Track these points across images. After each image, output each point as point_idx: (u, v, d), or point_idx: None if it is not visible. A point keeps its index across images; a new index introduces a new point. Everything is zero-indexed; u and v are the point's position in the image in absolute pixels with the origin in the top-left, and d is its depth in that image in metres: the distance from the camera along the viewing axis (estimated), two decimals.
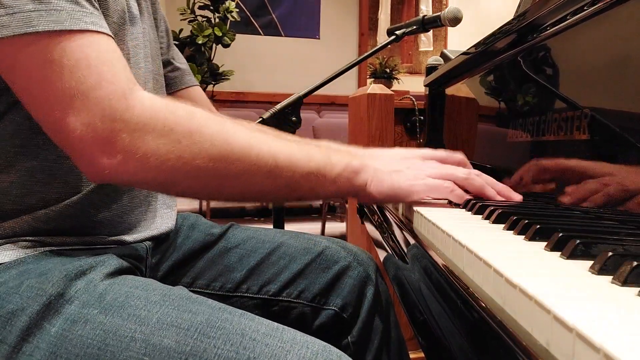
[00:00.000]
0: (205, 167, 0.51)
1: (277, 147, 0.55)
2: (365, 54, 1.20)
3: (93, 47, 0.49)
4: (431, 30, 2.02)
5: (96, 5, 0.52)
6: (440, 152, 0.67)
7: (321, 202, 3.65)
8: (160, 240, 0.73)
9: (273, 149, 0.55)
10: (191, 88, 0.89)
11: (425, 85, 1.33)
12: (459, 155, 0.68)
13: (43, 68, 0.47)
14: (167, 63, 0.85)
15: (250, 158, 0.53)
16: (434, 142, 1.27)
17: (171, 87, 0.86)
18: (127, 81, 0.50)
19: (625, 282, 0.28)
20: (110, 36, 0.52)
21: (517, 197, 0.64)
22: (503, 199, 0.63)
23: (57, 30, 0.47)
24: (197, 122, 0.52)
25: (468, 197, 0.61)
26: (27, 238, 0.55)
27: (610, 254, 0.31)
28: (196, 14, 4.15)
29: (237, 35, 4.28)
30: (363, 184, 0.60)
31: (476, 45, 0.92)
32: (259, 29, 4.90)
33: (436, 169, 0.62)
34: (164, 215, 0.72)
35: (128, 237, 0.64)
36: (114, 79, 0.49)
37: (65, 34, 0.47)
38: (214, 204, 4.15)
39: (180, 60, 0.88)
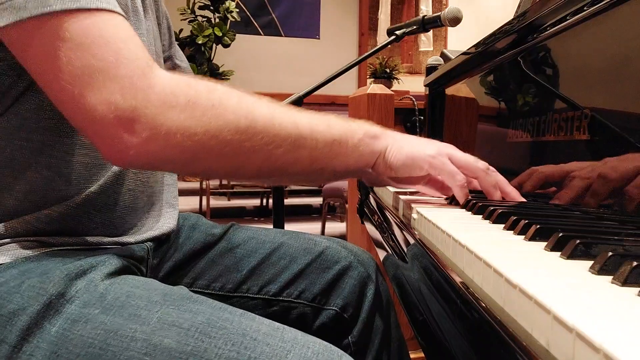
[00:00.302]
0: (230, 140, 0.51)
1: (299, 117, 0.55)
2: (365, 54, 1.20)
3: (110, 25, 0.48)
4: (431, 30, 2.02)
5: None
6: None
7: (321, 202, 3.65)
8: (162, 241, 0.73)
9: (294, 118, 0.55)
10: None
11: (425, 85, 1.33)
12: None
13: (61, 47, 0.46)
14: (166, 59, 0.84)
15: (274, 128, 0.53)
16: None
17: None
18: (146, 58, 0.50)
19: (625, 282, 0.28)
20: (125, 17, 0.51)
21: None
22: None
23: (73, 9, 0.46)
24: (218, 95, 0.51)
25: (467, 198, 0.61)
26: (29, 238, 0.55)
27: (610, 254, 0.31)
28: (196, 14, 4.15)
29: (237, 35, 4.28)
30: (383, 149, 0.60)
31: (476, 45, 0.92)
32: (259, 29, 4.90)
33: (458, 151, 0.62)
34: (166, 214, 0.72)
35: (130, 238, 0.64)
36: (132, 56, 0.49)
37: (81, 12, 0.47)
38: (213, 203, 4.16)
39: (180, 58, 0.87)
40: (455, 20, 1.15)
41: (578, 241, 0.35)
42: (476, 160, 0.62)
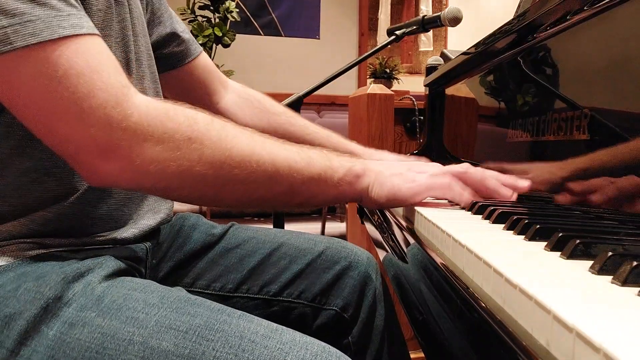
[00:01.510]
0: (204, 173, 0.51)
1: (278, 153, 0.55)
2: (365, 54, 1.20)
3: (79, 53, 0.47)
4: (431, 30, 2.02)
5: (73, 1, 0.49)
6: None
7: None
8: (161, 241, 0.73)
9: (274, 154, 0.54)
10: (199, 57, 0.86)
11: (425, 85, 1.33)
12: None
13: (33, 84, 0.45)
14: (172, 36, 0.81)
15: (250, 165, 0.52)
16: (434, 142, 1.27)
17: (180, 61, 0.83)
18: (121, 86, 0.49)
19: (625, 282, 0.28)
20: (95, 34, 0.50)
21: (524, 184, 0.63)
22: (509, 194, 0.62)
23: (36, 43, 0.45)
24: (197, 128, 0.51)
25: (468, 195, 0.60)
26: (26, 240, 0.55)
27: (610, 253, 0.31)
28: (196, 14, 4.15)
29: (237, 35, 4.28)
30: (365, 188, 0.59)
31: (476, 45, 0.92)
32: (259, 29, 4.90)
33: (437, 167, 0.62)
34: (162, 202, 0.72)
35: (128, 232, 0.63)
36: (105, 85, 0.47)
37: (47, 45, 0.45)
38: None
39: (182, 29, 0.84)
40: (455, 20, 1.15)
41: (578, 241, 0.35)
42: (452, 165, 0.62)
